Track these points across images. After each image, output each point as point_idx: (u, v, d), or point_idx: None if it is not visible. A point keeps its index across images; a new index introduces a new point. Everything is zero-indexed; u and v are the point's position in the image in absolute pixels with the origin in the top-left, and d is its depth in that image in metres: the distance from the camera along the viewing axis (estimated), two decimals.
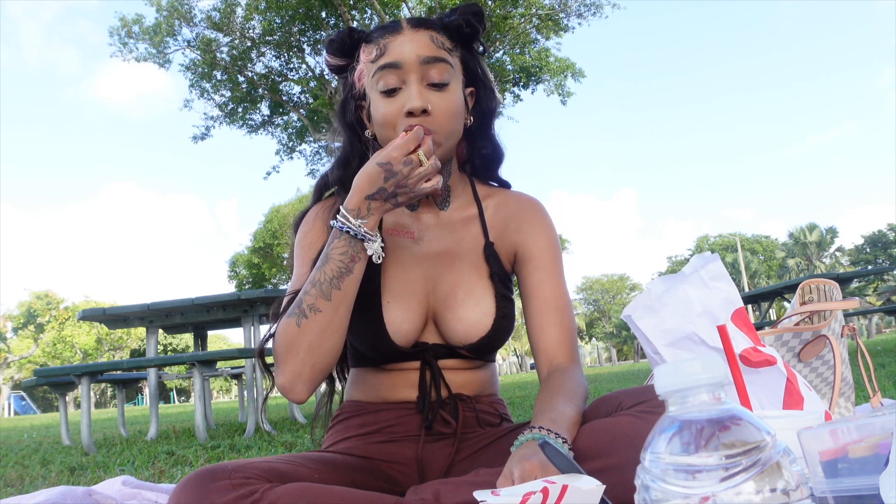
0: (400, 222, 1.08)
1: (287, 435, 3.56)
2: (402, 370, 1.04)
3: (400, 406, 1.04)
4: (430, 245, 1.07)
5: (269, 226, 23.33)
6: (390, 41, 0.99)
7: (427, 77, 0.98)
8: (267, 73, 14.75)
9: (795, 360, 1.24)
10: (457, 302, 1.03)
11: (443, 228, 1.08)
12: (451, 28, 1.02)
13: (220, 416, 6.92)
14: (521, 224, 1.10)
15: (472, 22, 1.03)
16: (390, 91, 0.98)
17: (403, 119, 0.97)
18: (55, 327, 39.12)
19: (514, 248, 1.10)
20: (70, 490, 1.58)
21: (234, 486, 0.76)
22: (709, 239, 53.06)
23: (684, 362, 0.47)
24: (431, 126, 0.96)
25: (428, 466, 1.01)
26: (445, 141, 1.00)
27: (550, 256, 1.09)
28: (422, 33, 1.00)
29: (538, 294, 1.06)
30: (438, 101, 0.97)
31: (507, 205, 1.12)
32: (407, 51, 0.98)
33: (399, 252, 1.06)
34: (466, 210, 1.11)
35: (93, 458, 3.09)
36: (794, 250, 46.84)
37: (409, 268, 1.04)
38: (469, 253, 1.07)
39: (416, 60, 0.97)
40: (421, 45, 0.98)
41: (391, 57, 0.98)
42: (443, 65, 0.98)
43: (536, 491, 0.66)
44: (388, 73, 0.98)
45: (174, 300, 4.46)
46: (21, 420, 16.14)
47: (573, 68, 14.70)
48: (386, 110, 0.98)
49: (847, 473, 0.59)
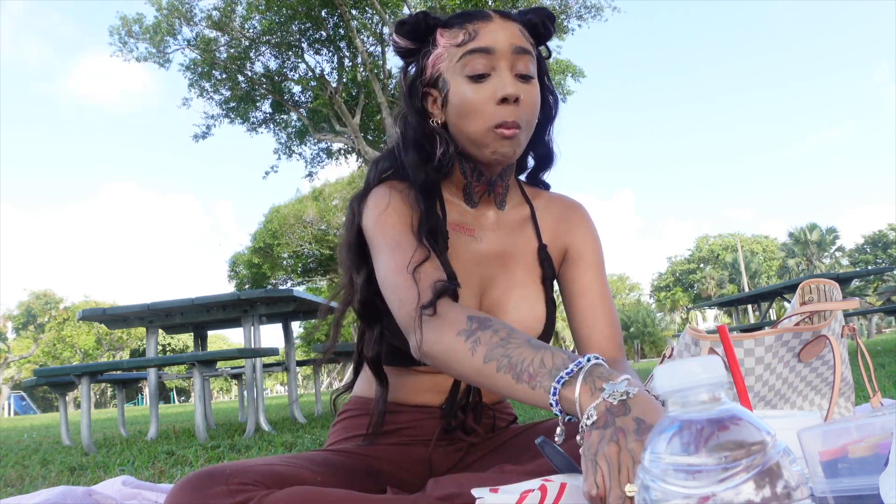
0: (461, 218, 1.06)
1: (287, 435, 3.56)
2: (432, 373, 1.01)
3: (418, 409, 1.03)
4: (488, 244, 1.06)
5: (270, 226, 23.31)
6: (481, 27, 0.98)
7: (515, 68, 0.96)
8: (267, 72, 14.75)
9: (795, 360, 1.24)
10: (511, 305, 1.02)
11: (500, 228, 1.07)
12: (530, 26, 1.02)
13: (220, 416, 6.92)
14: (571, 225, 1.10)
15: (547, 24, 1.03)
16: (479, 76, 0.96)
17: (494, 107, 0.95)
18: (55, 327, 39.11)
19: (563, 249, 1.10)
20: (70, 490, 1.58)
21: (231, 491, 0.75)
22: (709, 239, 53.05)
23: (684, 363, 0.47)
24: (519, 117, 0.95)
25: (437, 470, 1.01)
26: (526, 135, 0.99)
27: (599, 257, 1.10)
28: (512, 24, 0.99)
29: (588, 291, 1.06)
30: (526, 94, 0.96)
31: (555, 206, 1.12)
32: (501, 38, 0.96)
33: (459, 249, 1.04)
34: (520, 211, 1.10)
35: (93, 458, 3.09)
36: (794, 250, 46.81)
37: (466, 267, 1.03)
38: (524, 255, 1.07)
39: (508, 48, 0.96)
40: (513, 35, 0.97)
41: (483, 42, 0.96)
42: (530, 57, 0.98)
43: (534, 489, 0.66)
44: (478, 57, 0.96)
45: (174, 300, 4.45)
46: (21, 420, 16.14)
47: (573, 69, 14.71)
48: (473, 96, 0.96)
49: (847, 473, 0.59)
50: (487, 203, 1.07)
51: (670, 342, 1.43)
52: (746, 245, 49.10)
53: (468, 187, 1.05)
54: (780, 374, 1.22)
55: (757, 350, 1.18)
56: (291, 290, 4.47)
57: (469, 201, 1.06)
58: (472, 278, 1.02)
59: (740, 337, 1.18)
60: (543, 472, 0.74)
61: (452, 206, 1.06)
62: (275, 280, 23.91)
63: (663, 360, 1.35)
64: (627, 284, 52.66)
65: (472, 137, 0.98)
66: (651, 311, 46.93)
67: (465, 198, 1.06)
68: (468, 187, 1.05)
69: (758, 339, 1.18)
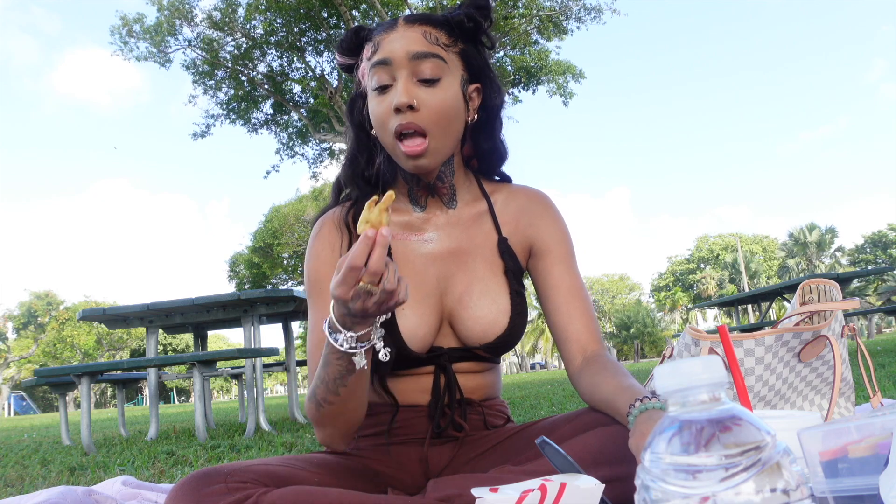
0: (409, 223, 1.07)
1: (287, 435, 3.56)
2: (413, 375, 1.02)
3: (407, 409, 1.03)
4: (441, 244, 1.06)
5: (270, 225, 23.31)
6: (383, 38, 0.99)
7: (417, 73, 0.96)
8: (268, 72, 14.75)
9: (795, 360, 1.24)
10: (472, 300, 1.02)
11: (453, 226, 1.07)
12: (453, 23, 1.01)
13: (220, 416, 6.92)
14: (534, 218, 1.09)
15: (474, 16, 1.01)
16: (382, 88, 0.97)
17: (393, 116, 0.95)
18: (55, 327, 39.11)
19: (528, 242, 1.08)
20: (70, 490, 1.58)
21: (230, 489, 0.76)
22: (709, 239, 53.06)
23: (684, 363, 0.47)
24: (420, 122, 0.95)
25: (433, 469, 1.01)
26: (441, 142, 0.98)
27: (567, 248, 1.08)
28: (415, 29, 0.98)
29: (560, 285, 1.05)
30: (427, 97, 0.95)
31: (516, 199, 1.11)
32: (397, 47, 0.96)
33: (409, 254, 1.04)
34: (475, 206, 1.09)
35: (93, 458, 3.09)
36: (794, 250, 46.81)
37: (420, 270, 1.03)
38: (482, 249, 1.06)
39: (405, 56, 0.96)
40: (411, 41, 0.97)
41: (382, 54, 0.97)
42: (434, 60, 0.96)
43: (534, 489, 0.65)
44: (379, 69, 0.97)
45: (174, 300, 4.45)
46: (21, 420, 16.14)
47: (573, 70, 14.70)
48: (377, 108, 0.97)
49: (847, 473, 0.59)
50: (436, 204, 1.07)
51: (670, 342, 1.43)
52: (746, 245, 49.09)
53: (411, 192, 1.06)
54: (780, 374, 1.22)
55: (757, 350, 1.18)
56: (291, 290, 4.47)
57: (415, 205, 1.07)
58: (428, 279, 1.03)
59: (740, 337, 1.18)
60: (543, 472, 0.74)
61: (399, 212, 1.06)
62: (275, 280, 23.90)
63: (663, 359, 1.35)
64: (627, 284, 52.63)
65: (387, 148, 1.00)
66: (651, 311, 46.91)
67: (411, 202, 1.07)
68: (411, 192, 1.06)
69: (758, 339, 1.18)
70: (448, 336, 1.03)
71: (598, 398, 0.91)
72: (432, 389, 1.02)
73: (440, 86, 0.97)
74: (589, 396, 0.95)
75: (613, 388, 0.87)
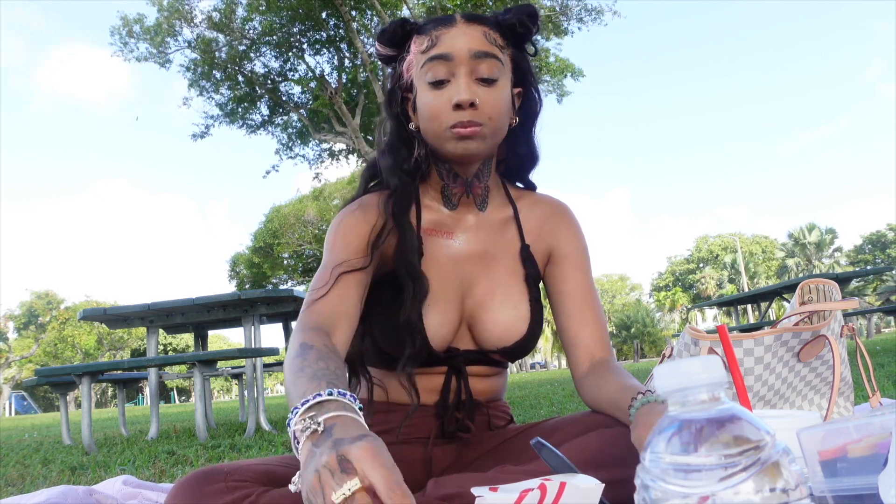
0: (439, 221, 1.07)
1: (287, 435, 3.56)
2: (424, 374, 1.02)
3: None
4: (468, 245, 1.06)
5: (270, 225, 23.29)
6: (443, 33, 0.99)
7: (476, 71, 0.97)
8: (267, 73, 14.74)
9: (795, 360, 1.24)
10: (494, 304, 1.03)
11: (481, 229, 1.08)
12: (505, 26, 1.02)
13: (220, 416, 6.92)
14: (555, 227, 1.10)
15: (525, 22, 1.02)
16: (438, 83, 0.97)
17: (450, 112, 0.96)
18: (56, 327, 39.11)
19: (548, 250, 1.10)
20: (71, 489, 1.59)
21: (230, 489, 0.76)
22: (708, 239, 53.03)
23: (683, 362, 0.47)
24: (478, 120, 0.96)
25: (436, 469, 1.01)
26: (491, 137, 0.99)
27: (585, 257, 1.10)
28: (475, 28, 0.99)
29: (575, 291, 1.06)
30: (486, 96, 0.97)
31: (539, 207, 1.12)
32: (459, 44, 0.97)
33: (437, 252, 1.04)
34: (502, 211, 1.10)
35: (93, 457, 3.09)
36: (793, 250, 46.78)
37: (446, 270, 1.03)
38: (505, 255, 1.07)
39: (466, 54, 0.97)
40: (473, 39, 0.98)
41: (442, 48, 0.98)
42: (493, 60, 0.98)
43: (534, 488, 0.66)
44: (437, 64, 0.97)
45: (175, 300, 4.45)
46: (22, 420, 16.14)
47: (573, 68, 14.68)
48: (433, 102, 0.98)
49: (846, 473, 0.59)
50: (467, 205, 1.08)
51: (670, 342, 1.43)
52: (746, 245, 49.07)
53: (445, 189, 1.06)
54: (779, 373, 1.23)
55: (756, 350, 1.19)
56: (291, 290, 4.47)
57: (448, 203, 1.07)
58: (451, 280, 1.03)
59: (740, 337, 1.18)
60: (543, 472, 0.74)
61: (430, 209, 1.07)
62: (275, 280, 23.89)
63: (663, 359, 1.35)
64: (628, 284, 52.63)
65: (434, 140, 1.00)
66: (651, 311, 46.90)
67: (443, 200, 1.07)
68: (445, 189, 1.06)
69: (757, 339, 1.18)
70: (465, 338, 1.04)
71: (600, 398, 0.92)
72: (441, 389, 1.02)
73: (497, 86, 0.98)
74: (592, 398, 0.96)
75: (616, 388, 0.89)
